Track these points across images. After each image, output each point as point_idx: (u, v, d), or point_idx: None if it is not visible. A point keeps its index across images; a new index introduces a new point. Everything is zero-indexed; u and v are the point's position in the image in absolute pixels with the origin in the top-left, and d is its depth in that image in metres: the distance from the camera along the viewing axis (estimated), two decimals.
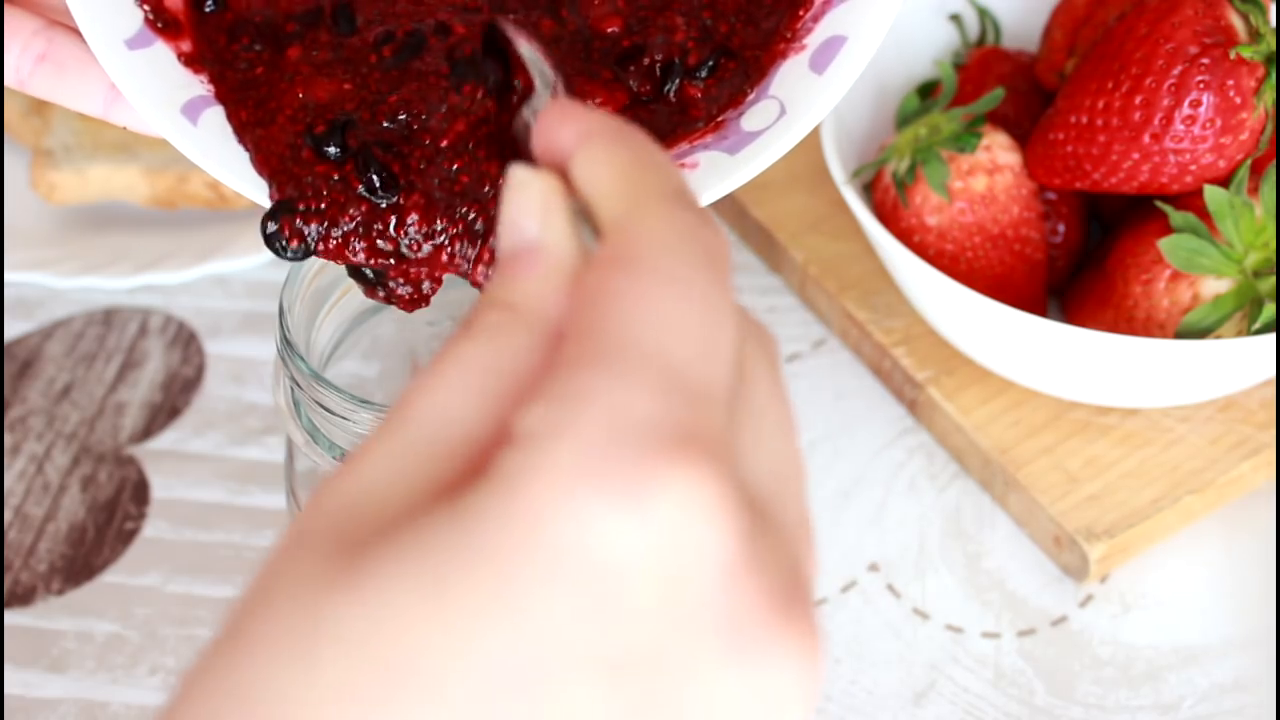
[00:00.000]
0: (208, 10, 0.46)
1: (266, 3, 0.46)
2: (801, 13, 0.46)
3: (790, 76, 0.46)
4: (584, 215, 0.30)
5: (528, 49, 0.39)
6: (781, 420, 0.29)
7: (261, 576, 0.27)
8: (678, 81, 0.45)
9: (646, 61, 0.45)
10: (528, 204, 0.30)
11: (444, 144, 0.43)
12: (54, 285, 0.72)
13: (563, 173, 0.31)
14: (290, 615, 0.25)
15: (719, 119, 0.45)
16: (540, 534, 0.25)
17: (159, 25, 0.45)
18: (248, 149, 0.44)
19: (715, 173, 0.44)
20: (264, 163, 0.43)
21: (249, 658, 0.25)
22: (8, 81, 0.45)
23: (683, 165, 0.45)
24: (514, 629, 0.25)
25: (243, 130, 0.44)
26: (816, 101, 0.44)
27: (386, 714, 0.24)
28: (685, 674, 0.25)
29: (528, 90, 0.42)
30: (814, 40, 0.46)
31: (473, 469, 0.27)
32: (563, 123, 0.31)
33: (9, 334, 0.71)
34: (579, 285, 0.29)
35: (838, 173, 0.63)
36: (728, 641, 0.26)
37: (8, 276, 0.71)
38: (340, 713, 0.24)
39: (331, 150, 0.43)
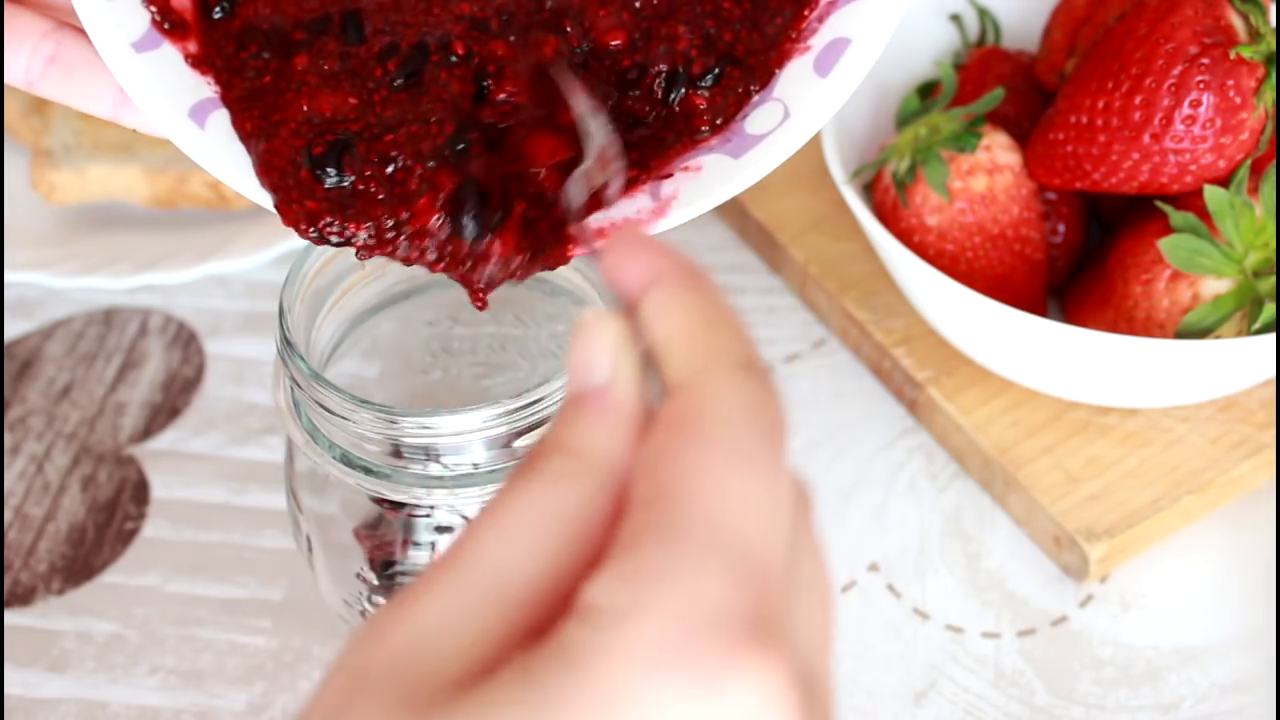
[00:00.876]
0: (216, 17, 0.46)
1: (274, 10, 0.46)
2: (807, 13, 0.46)
3: (794, 78, 0.45)
4: (650, 361, 0.30)
5: (585, 106, 0.39)
6: (820, 583, 0.30)
7: (321, 716, 0.27)
8: (683, 91, 0.45)
9: (648, 81, 0.45)
10: (599, 347, 0.30)
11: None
12: (54, 285, 0.72)
13: (631, 307, 0.31)
14: None
15: (720, 126, 0.45)
16: (614, 715, 0.25)
17: (166, 26, 0.45)
18: (251, 158, 0.44)
19: (719, 176, 0.44)
20: (266, 174, 0.43)
21: None
22: (18, 83, 0.45)
23: (686, 169, 0.45)
24: None
25: (246, 140, 0.44)
26: (820, 104, 0.44)
27: None
28: None
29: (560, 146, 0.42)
30: (818, 42, 0.46)
31: (537, 627, 0.27)
32: (633, 260, 0.31)
33: (9, 334, 0.71)
34: (645, 445, 0.29)
35: (838, 173, 0.63)
36: None
37: (8, 276, 0.71)
38: None
39: (329, 174, 0.43)
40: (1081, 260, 0.66)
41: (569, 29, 0.45)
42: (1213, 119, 0.56)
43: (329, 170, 0.43)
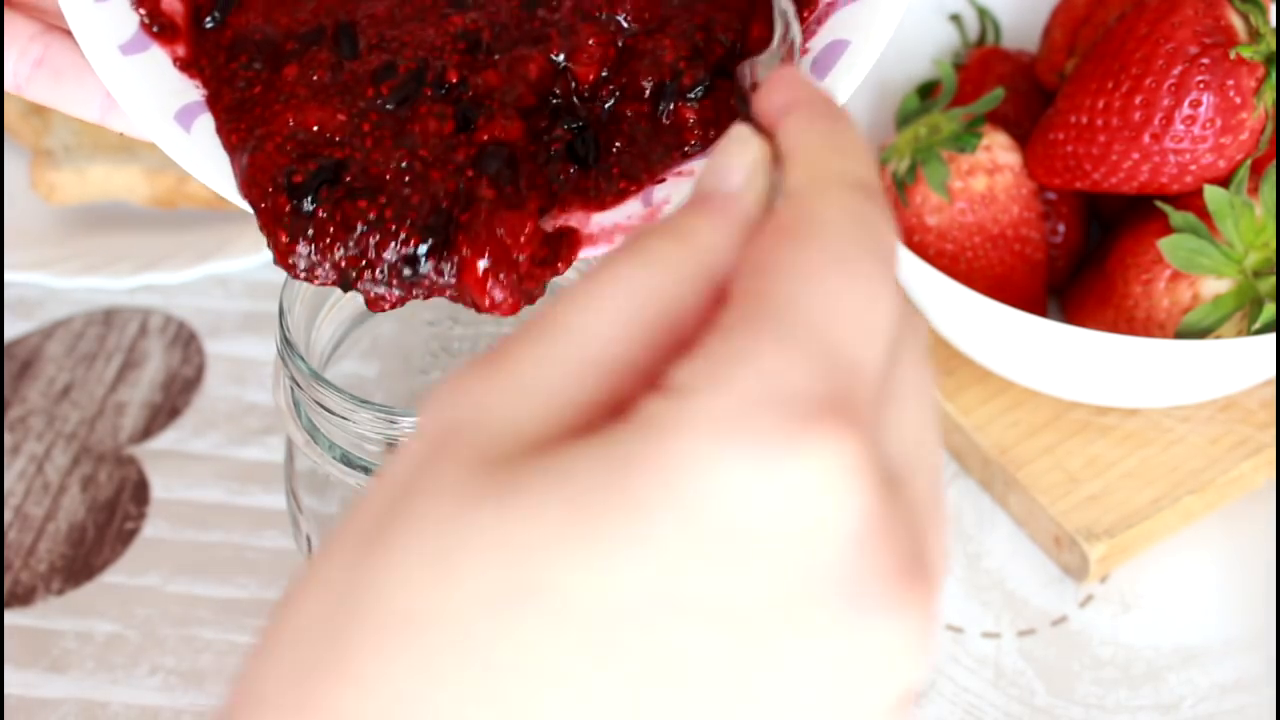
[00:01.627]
0: (208, 26, 0.46)
1: (267, 20, 0.46)
2: (806, 14, 0.46)
3: None
4: (780, 188, 0.31)
5: (786, 2, 0.39)
6: (923, 403, 0.30)
7: (400, 478, 0.27)
8: (672, 104, 0.45)
9: (633, 94, 0.45)
10: (740, 159, 0.31)
11: (415, 201, 0.43)
12: (54, 285, 0.72)
13: (771, 134, 0.32)
14: (436, 525, 0.26)
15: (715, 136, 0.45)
16: (684, 484, 0.26)
17: (155, 29, 0.45)
18: (234, 171, 0.44)
19: None
20: (247, 190, 0.43)
21: (389, 564, 0.26)
22: (6, 86, 0.45)
23: (679, 174, 0.44)
24: (645, 568, 0.26)
25: (231, 152, 0.44)
26: None
27: (513, 630, 0.25)
28: (802, 630, 0.26)
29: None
30: (816, 44, 0.45)
31: (619, 401, 0.28)
32: (780, 89, 0.33)
33: (9, 334, 0.71)
34: (752, 247, 0.29)
35: None
36: (848, 602, 0.27)
37: (8, 276, 0.71)
38: (470, 625, 0.25)
39: (306, 205, 0.42)
40: (1081, 260, 0.66)
41: (555, 52, 0.45)
42: (1213, 119, 0.56)
43: (308, 199, 0.42)
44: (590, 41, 0.45)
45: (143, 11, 0.45)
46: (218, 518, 0.64)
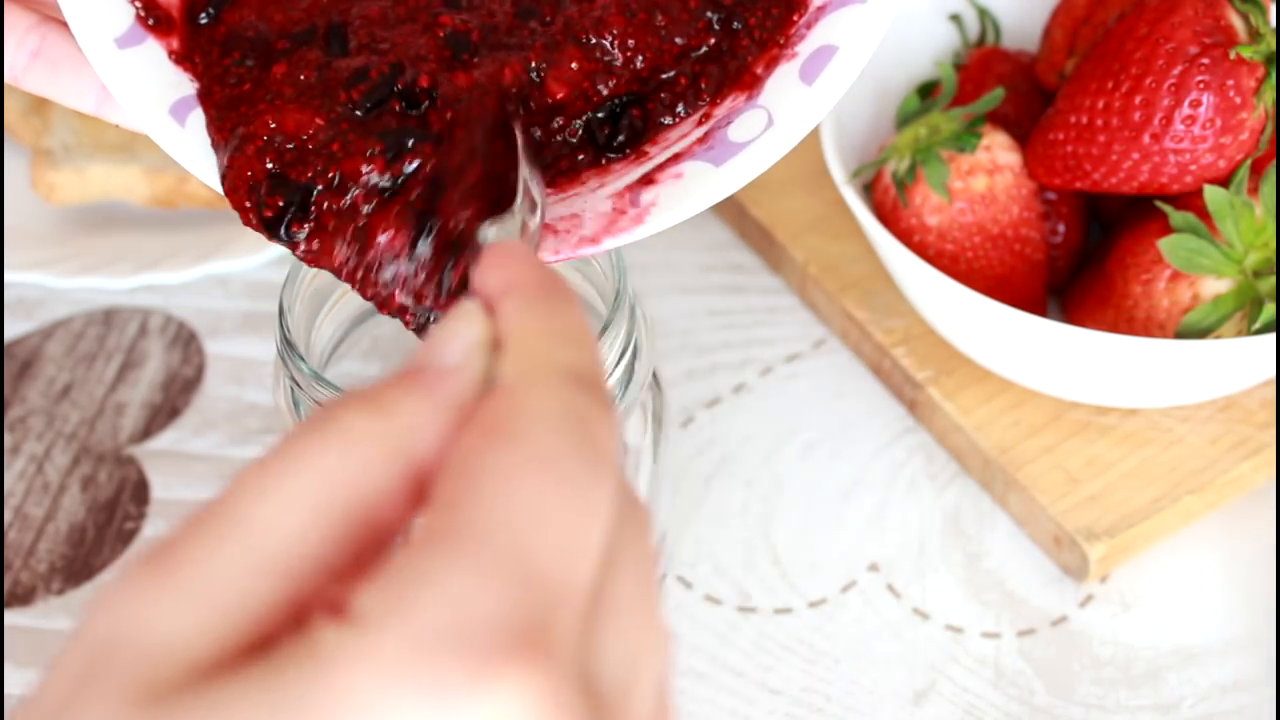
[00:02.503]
0: (202, 22, 0.46)
1: (260, 17, 0.46)
2: (795, 18, 0.46)
3: (780, 85, 0.45)
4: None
5: (525, 167, 0.39)
6: (643, 609, 0.28)
7: (49, 706, 0.25)
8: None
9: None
10: (459, 336, 0.29)
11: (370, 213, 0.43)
12: (54, 285, 0.72)
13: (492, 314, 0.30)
14: None
15: (706, 133, 0.45)
16: None
17: (150, 22, 0.45)
18: (218, 169, 0.44)
19: (700, 184, 0.44)
20: (229, 193, 0.43)
21: None
22: (4, 77, 0.46)
23: (667, 176, 0.44)
24: None
25: (215, 149, 0.44)
26: (804, 113, 0.44)
27: None
28: None
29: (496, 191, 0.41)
30: (805, 48, 0.45)
31: (294, 612, 0.25)
32: (499, 267, 0.30)
33: (9, 334, 0.71)
34: (455, 444, 0.27)
35: (838, 173, 0.63)
36: None
37: (8, 276, 0.71)
38: None
39: (281, 234, 0.43)
40: (1081, 260, 0.66)
41: (538, 52, 0.45)
42: (1213, 119, 0.56)
43: (280, 230, 0.43)
44: (573, 65, 0.45)
45: (138, 4, 0.45)
46: None
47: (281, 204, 0.42)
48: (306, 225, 0.43)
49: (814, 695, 0.57)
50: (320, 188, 0.43)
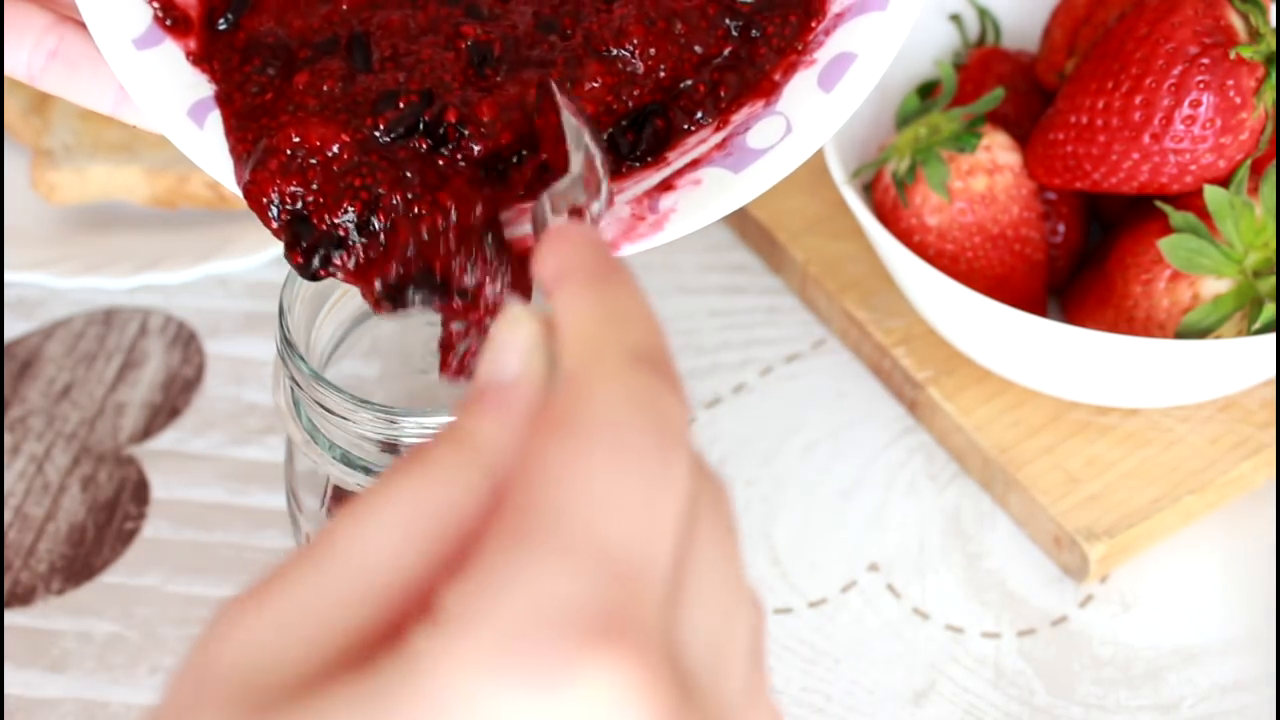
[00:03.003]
0: (221, 28, 0.46)
1: (279, 23, 0.46)
2: (814, 25, 0.46)
3: (798, 92, 0.45)
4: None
5: (573, 123, 0.39)
6: (726, 578, 0.28)
7: None
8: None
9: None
10: (515, 341, 0.30)
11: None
12: (54, 285, 0.72)
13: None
14: None
15: (724, 139, 0.45)
16: None
17: (168, 23, 0.45)
18: (237, 178, 0.44)
19: (719, 191, 0.44)
20: (253, 205, 0.43)
21: None
22: (20, 77, 0.45)
23: (686, 183, 0.44)
24: None
25: (235, 159, 0.44)
26: (822, 120, 0.44)
27: None
28: None
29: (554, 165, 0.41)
30: (824, 55, 0.45)
31: (391, 629, 0.26)
32: (553, 253, 0.31)
33: (9, 334, 0.71)
34: (526, 443, 0.28)
35: (838, 173, 0.63)
36: None
37: (8, 276, 0.71)
38: None
39: (314, 263, 0.43)
40: (1081, 260, 0.66)
41: (559, 68, 0.45)
42: (1213, 119, 0.56)
43: (314, 260, 0.43)
44: (595, 80, 0.45)
45: (156, 5, 0.45)
46: (218, 518, 0.64)
47: (305, 248, 0.42)
48: (336, 263, 0.43)
49: (814, 695, 0.57)
50: (345, 235, 0.43)
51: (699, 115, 0.46)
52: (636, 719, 0.25)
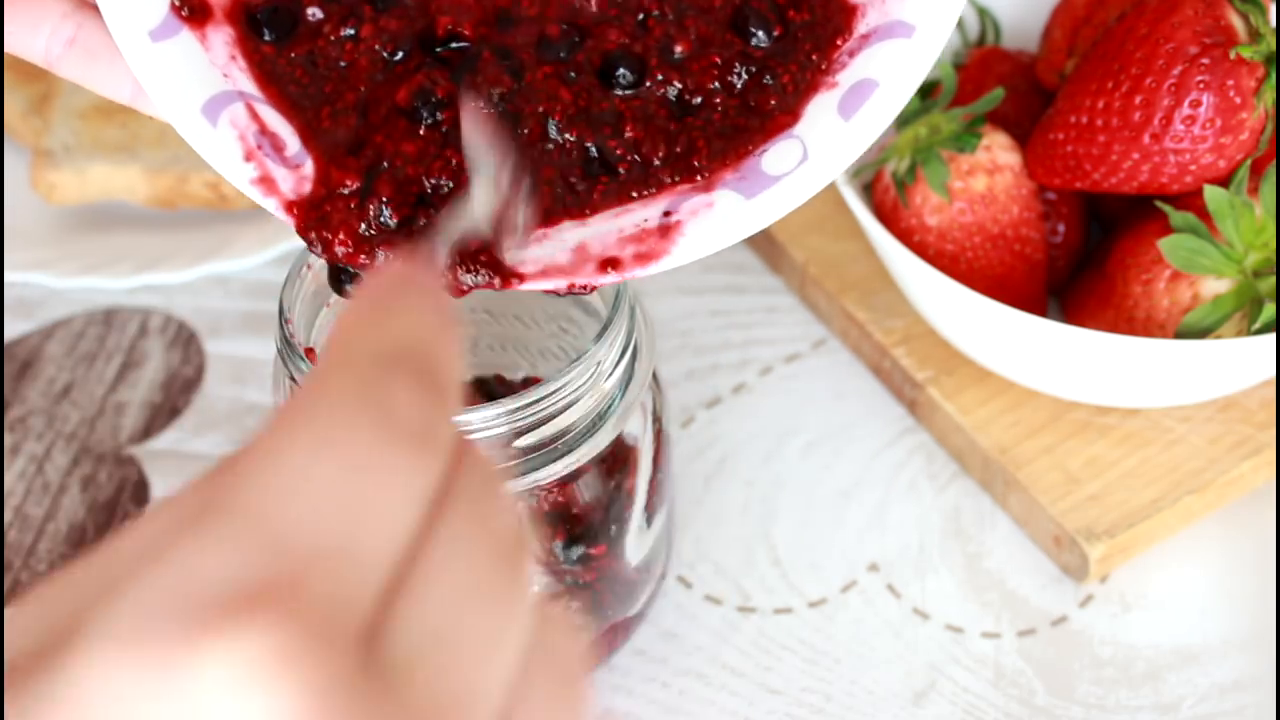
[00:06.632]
0: (266, 40, 0.46)
1: None
2: (839, 42, 0.45)
3: (817, 116, 0.45)
4: None
5: (480, 149, 0.38)
6: (484, 585, 0.26)
7: None
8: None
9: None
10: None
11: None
12: (54, 285, 0.72)
13: None
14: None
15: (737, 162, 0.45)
16: (81, 709, 0.22)
17: (185, 13, 0.44)
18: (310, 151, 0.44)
19: (730, 216, 0.43)
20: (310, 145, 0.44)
21: None
22: (38, 62, 0.45)
23: (698, 206, 0.44)
24: None
25: (306, 141, 0.44)
26: (840, 149, 0.43)
27: None
28: None
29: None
30: (846, 79, 0.44)
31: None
32: (358, 288, 0.29)
33: (9, 334, 0.71)
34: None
35: None
36: None
37: (8, 276, 0.71)
38: None
39: (380, 211, 0.43)
40: (1081, 260, 0.66)
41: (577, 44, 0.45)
42: (1213, 119, 0.56)
43: (380, 206, 0.43)
44: (612, 34, 0.45)
45: None
46: None
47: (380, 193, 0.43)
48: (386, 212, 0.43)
49: (814, 695, 0.57)
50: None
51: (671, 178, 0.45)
52: (274, 694, 0.22)
